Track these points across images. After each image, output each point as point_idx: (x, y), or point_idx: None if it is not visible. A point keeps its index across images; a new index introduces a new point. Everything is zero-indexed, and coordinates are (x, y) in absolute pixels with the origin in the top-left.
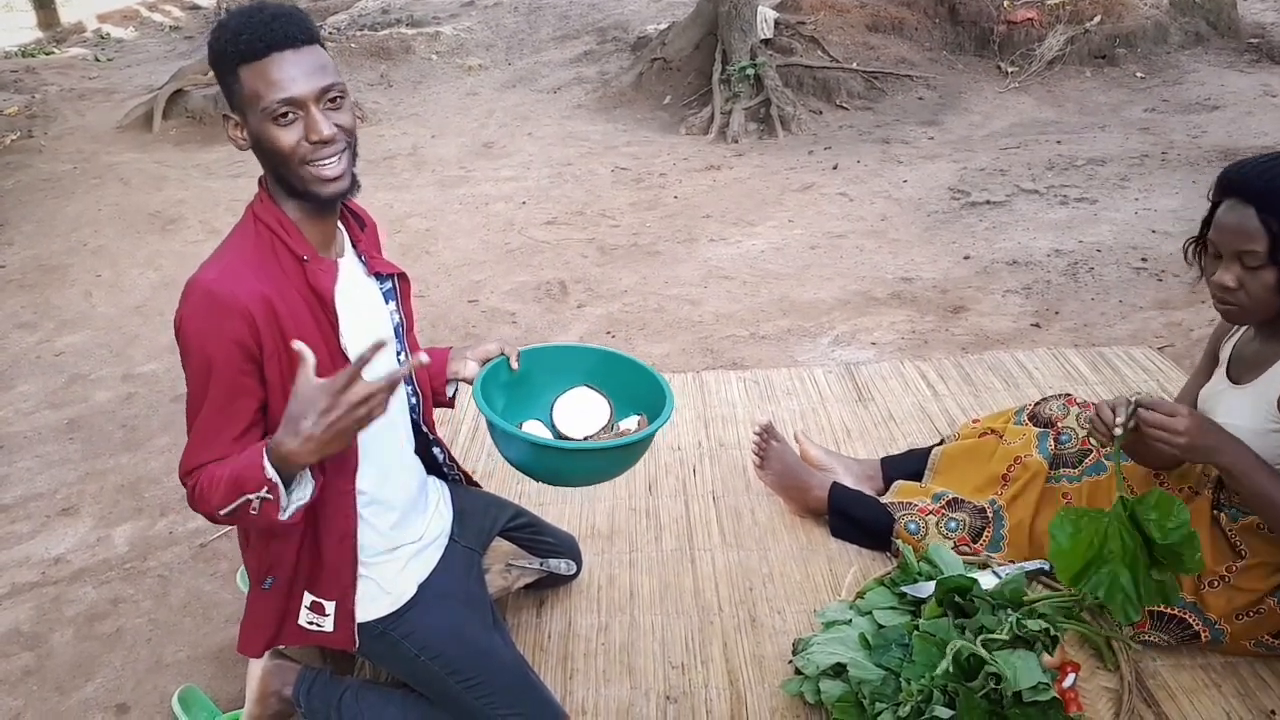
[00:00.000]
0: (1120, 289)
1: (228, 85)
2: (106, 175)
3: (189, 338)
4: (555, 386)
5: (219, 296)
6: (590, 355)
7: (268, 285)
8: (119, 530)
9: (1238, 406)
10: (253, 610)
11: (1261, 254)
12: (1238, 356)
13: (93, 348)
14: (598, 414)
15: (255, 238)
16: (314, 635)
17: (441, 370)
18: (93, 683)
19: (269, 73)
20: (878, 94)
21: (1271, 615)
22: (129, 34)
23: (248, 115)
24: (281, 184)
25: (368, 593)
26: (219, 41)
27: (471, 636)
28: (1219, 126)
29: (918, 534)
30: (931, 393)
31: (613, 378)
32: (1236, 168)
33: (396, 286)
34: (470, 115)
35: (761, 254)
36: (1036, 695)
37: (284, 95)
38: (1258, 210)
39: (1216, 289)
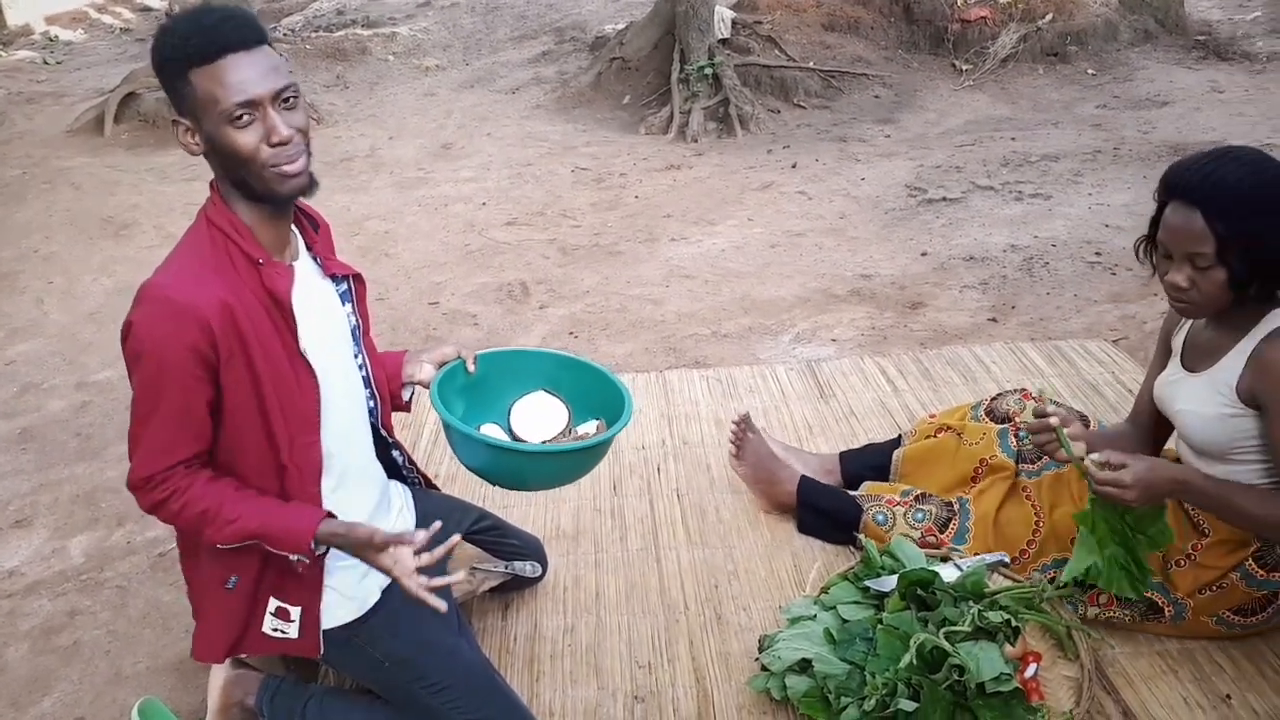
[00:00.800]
0: (1075, 283)
1: (176, 90)
2: (57, 180)
3: (143, 343)
4: (513, 391)
5: (176, 303)
6: (548, 360)
7: (225, 290)
8: (75, 541)
9: (1194, 393)
10: (211, 614)
11: (1210, 255)
12: (1191, 345)
13: (45, 356)
14: (555, 418)
15: (209, 242)
16: (279, 643)
17: (397, 374)
18: (50, 697)
19: (223, 76)
20: (835, 93)
21: (1234, 590)
22: (78, 36)
23: (201, 119)
24: (239, 187)
25: (331, 600)
26: (166, 46)
27: (436, 641)
28: (1168, 122)
29: (885, 525)
30: (891, 388)
31: (571, 382)
32: (1179, 169)
33: (352, 288)
34: (428, 116)
35: (722, 253)
36: (999, 686)
37: (241, 98)
38: (1202, 213)
39: (1170, 288)
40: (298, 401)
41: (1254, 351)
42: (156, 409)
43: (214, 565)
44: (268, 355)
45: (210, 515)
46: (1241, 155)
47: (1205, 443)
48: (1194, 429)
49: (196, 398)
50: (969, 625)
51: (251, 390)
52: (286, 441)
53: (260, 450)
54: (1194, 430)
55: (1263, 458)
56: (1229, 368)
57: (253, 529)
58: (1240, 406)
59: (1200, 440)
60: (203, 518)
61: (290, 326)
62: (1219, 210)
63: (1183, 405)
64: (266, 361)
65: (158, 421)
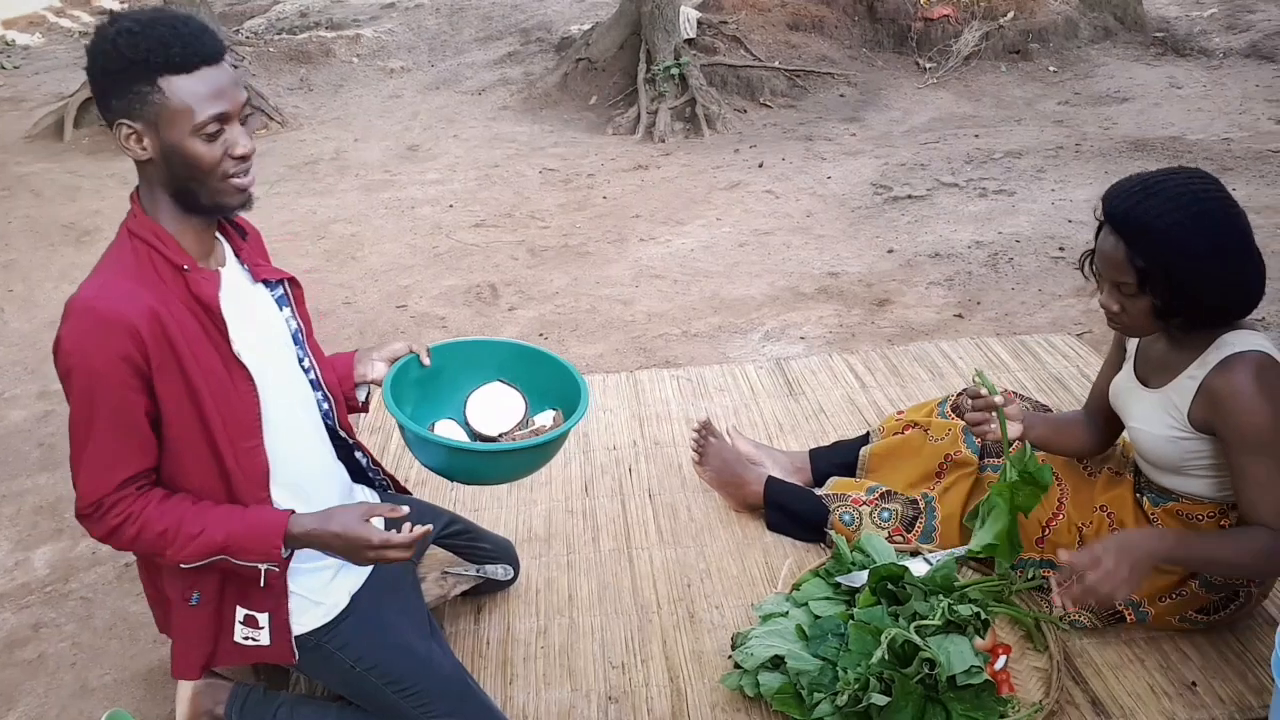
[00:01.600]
0: (1039, 278)
1: (135, 93)
2: (16, 186)
3: (71, 357)
4: (469, 382)
5: (102, 313)
6: (503, 349)
7: (152, 298)
8: (38, 552)
9: (1147, 412)
10: (181, 630)
11: (1132, 285)
12: (1144, 355)
13: (5, 365)
14: (512, 410)
15: (132, 253)
16: (251, 651)
17: (349, 374)
18: (14, 712)
19: (206, 86)
20: (800, 92)
21: (1194, 597)
22: (35, 40)
23: (160, 126)
24: (181, 196)
25: (299, 605)
26: (134, 48)
27: (408, 645)
28: (1129, 118)
29: (852, 525)
30: (860, 385)
31: (527, 372)
32: (1115, 192)
33: (289, 292)
34: (394, 118)
35: (691, 252)
36: (970, 679)
37: (218, 111)
38: (1125, 246)
39: (1103, 308)
40: (236, 407)
41: (1204, 383)
42: (93, 424)
43: (174, 583)
44: (200, 361)
45: (170, 535)
46: (1175, 186)
47: (1158, 459)
48: (1146, 445)
49: (134, 409)
50: (939, 619)
51: (187, 398)
52: (229, 447)
53: (202, 459)
54: (1146, 446)
55: (1214, 474)
56: (1181, 390)
57: (219, 541)
58: (1191, 431)
59: (1152, 456)
60: (162, 539)
61: (221, 331)
62: (1140, 245)
63: (1136, 422)
64: (200, 368)
65: (97, 438)
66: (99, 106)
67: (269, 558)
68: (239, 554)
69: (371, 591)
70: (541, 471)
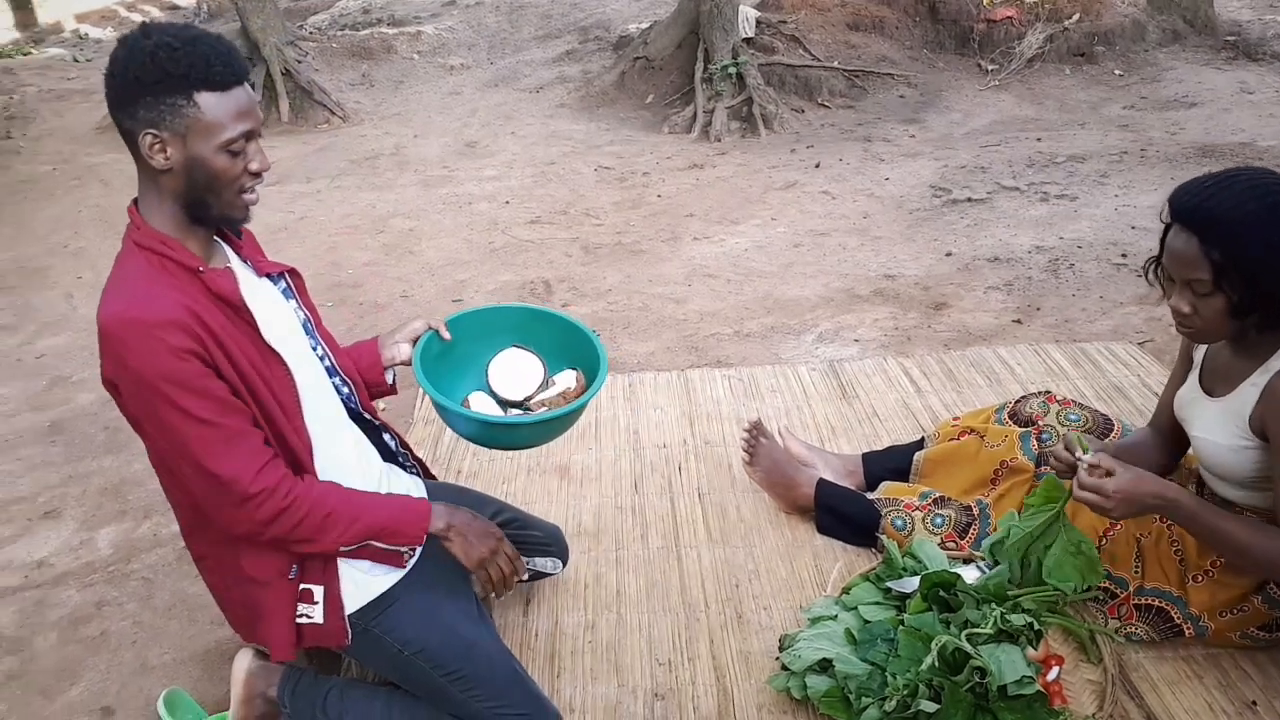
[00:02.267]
0: (1101, 284)
1: (171, 105)
2: (86, 176)
3: (145, 375)
4: (486, 349)
5: (147, 321)
6: (514, 314)
7: (179, 296)
8: (102, 533)
9: (1211, 422)
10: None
11: (1208, 282)
12: (1210, 364)
13: (74, 350)
14: (532, 373)
15: (145, 263)
16: (306, 630)
17: (376, 360)
18: (77, 686)
19: (236, 105)
20: (859, 92)
21: (1256, 613)
22: (107, 34)
23: (189, 139)
24: (192, 207)
25: (349, 584)
26: (177, 63)
27: (455, 628)
28: (1197, 123)
29: (904, 530)
30: (915, 389)
31: (541, 333)
32: (1182, 191)
33: (291, 284)
34: (453, 115)
35: (745, 252)
36: (1021, 689)
37: (246, 128)
38: (1199, 240)
39: (1173, 313)
40: (279, 391)
41: (1266, 387)
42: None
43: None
44: (242, 352)
45: (335, 517)
46: (1246, 180)
47: (1221, 470)
48: (1210, 456)
49: (223, 391)
50: (991, 628)
51: (242, 384)
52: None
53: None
54: (1210, 457)
55: None
56: (1244, 397)
57: (378, 525)
58: (1253, 439)
59: (1216, 467)
60: (329, 520)
61: (250, 322)
62: (1215, 238)
63: (1199, 432)
64: (242, 355)
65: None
66: (118, 113)
67: (415, 540)
68: (392, 537)
69: (420, 576)
70: (591, 467)
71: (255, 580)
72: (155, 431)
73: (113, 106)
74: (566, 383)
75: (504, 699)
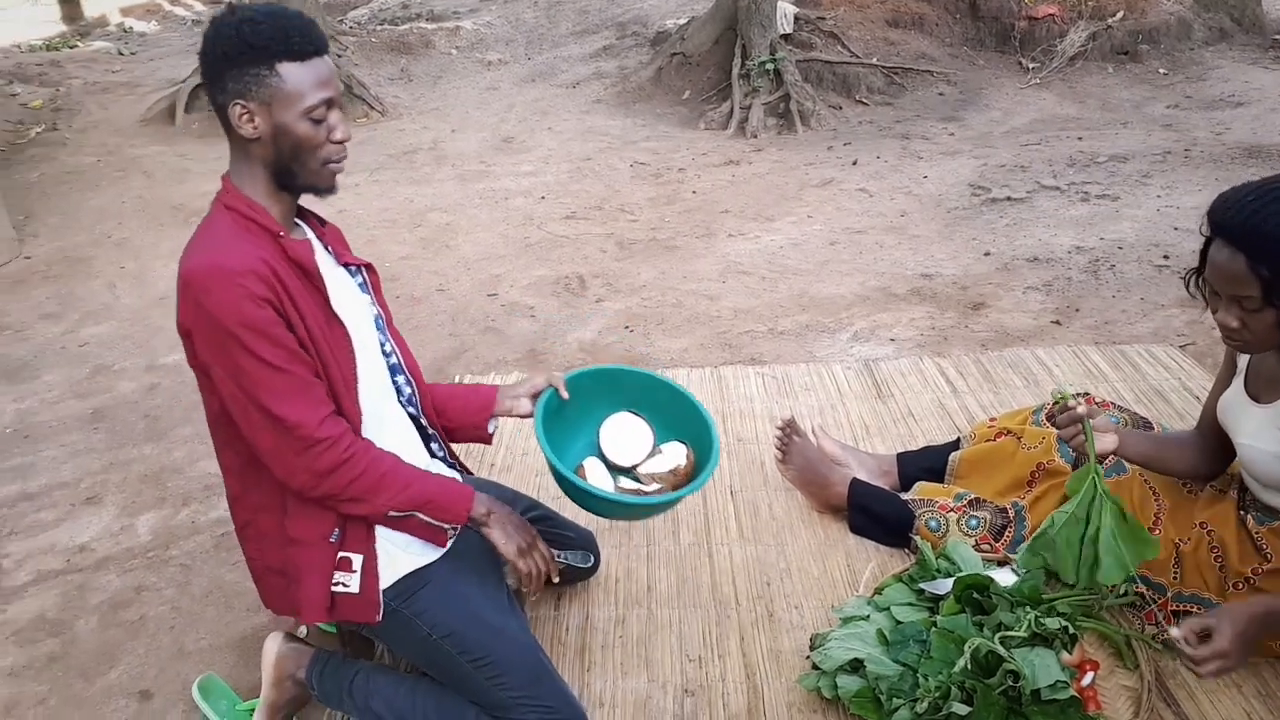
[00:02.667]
0: (1142, 286)
1: (256, 75)
2: (130, 168)
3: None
4: (597, 408)
5: (230, 267)
6: (631, 377)
7: (261, 254)
8: (142, 519)
9: (1257, 428)
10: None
11: (1257, 298)
12: (1255, 370)
13: (117, 339)
14: (642, 440)
15: (230, 222)
16: (341, 601)
17: (486, 406)
18: (116, 669)
19: (316, 74)
20: (898, 89)
21: None
22: (151, 28)
23: (274, 108)
24: (280, 175)
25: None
26: (259, 35)
27: (484, 616)
28: (1243, 123)
29: (938, 531)
30: (951, 389)
31: (655, 402)
32: (1224, 204)
33: (367, 279)
34: (490, 110)
35: (780, 249)
36: (1055, 693)
37: (325, 96)
38: (1247, 257)
39: (1221, 327)
40: (340, 360)
41: None
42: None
43: (309, 524)
44: (310, 313)
45: (390, 479)
46: None
47: (1267, 477)
48: (1256, 463)
49: (293, 343)
50: (1025, 631)
51: (310, 342)
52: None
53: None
54: (1256, 464)
55: None
56: None
57: (427, 496)
58: None
59: (1261, 474)
60: (384, 480)
61: (320, 288)
62: (1264, 254)
63: (1244, 439)
64: (310, 319)
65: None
66: (210, 89)
67: (458, 519)
68: (437, 511)
69: (453, 562)
70: None
71: (297, 541)
72: (225, 376)
73: (206, 83)
74: (676, 456)
75: (529, 690)
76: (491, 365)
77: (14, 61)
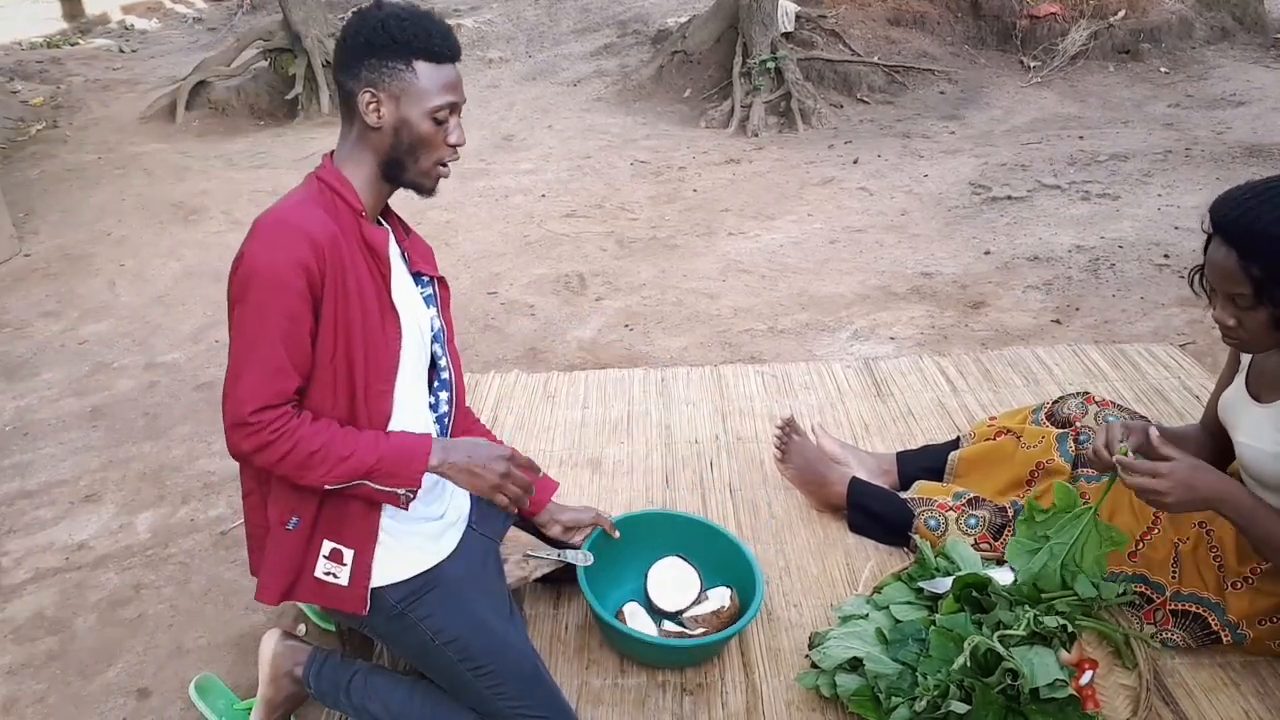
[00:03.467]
0: (1142, 285)
1: (388, 66)
2: (130, 166)
3: (256, 261)
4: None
5: (290, 224)
6: (681, 522)
7: (332, 223)
8: (141, 517)
9: (1255, 427)
10: (271, 556)
11: (1249, 296)
12: (1257, 369)
13: (116, 337)
14: (688, 586)
15: (317, 191)
16: (328, 589)
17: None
18: (115, 667)
19: (447, 78)
20: (899, 88)
21: None
22: (152, 25)
23: (402, 101)
24: (389, 167)
25: (385, 553)
26: (404, 31)
27: (487, 624)
28: (1244, 123)
29: (937, 530)
30: (950, 388)
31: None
32: (1223, 202)
33: (437, 292)
34: (490, 108)
35: (780, 248)
36: (1054, 692)
37: (452, 99)
38: (1239, 255)
39: (1218, 324)
40: (380, 348)
41: None
42: (265, 332)
43: (276, 506)
44: (362, 294)
45: (322, 454)
46: None
47: (1264, 476)
48: (1253, 462)
49: (303, 321)
50: (1024, 630)
51: (343, 327)
52: (364, 387)
53: (335, 392)
54: (1253, 463)
55: None
56: None
57: (369, 463)
58: None
59: (1259, 473)
60: (313, 458)
61: (384, 274)
62: (1256, 253)
63: (1243, 437)
64: (360, 299)
65: (266, 346)
66: (342, 74)
67: (411, 482)
68: (384, 478)
69: (458, 564)
70: (623, 461)
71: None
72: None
73: (338, 68)
74: (720, 600)
75: (527, 698)
76: (491, 363)
77: (15, 59)
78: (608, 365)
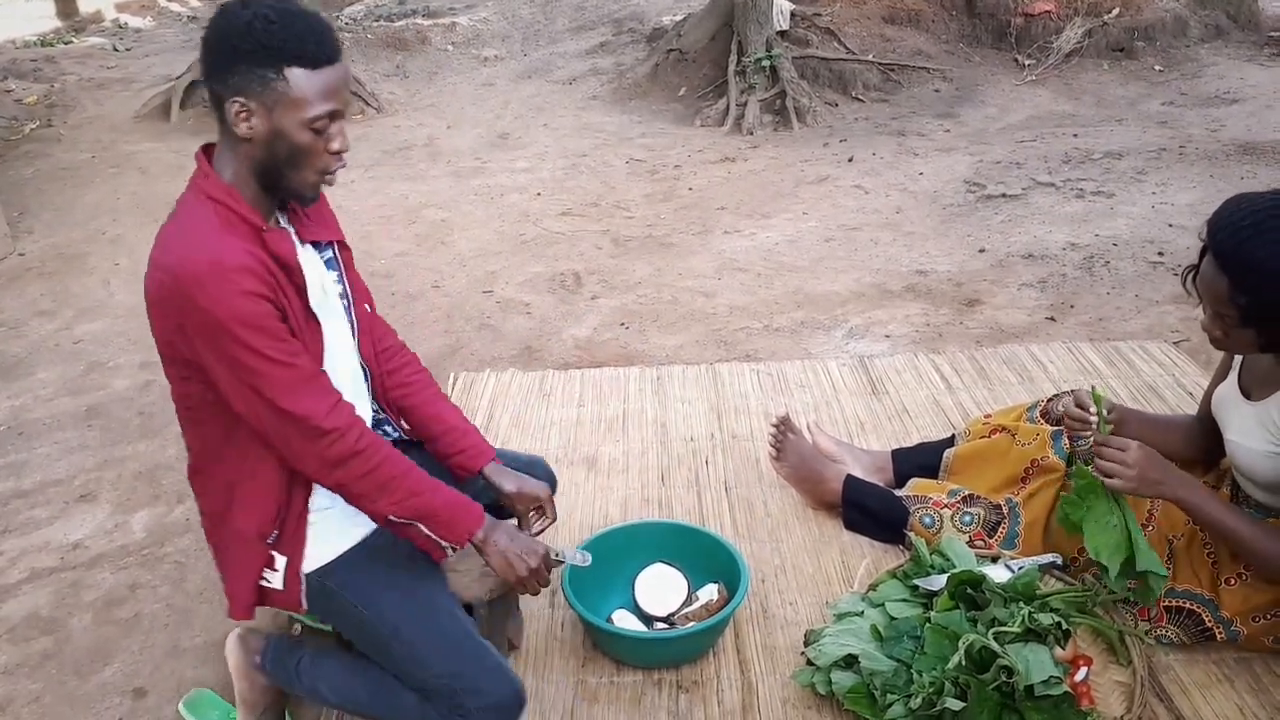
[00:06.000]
0: (1136, 283)
1: (259, 75)
2: (125, 164)
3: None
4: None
5: (222, 263)
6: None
7: (247, 245)
8: (136, 516)
9: (1244, 425)
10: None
11: (1235, 318)
12: (1249, 366)
13: (111, 336)
14: (677, 589)
15: (213, 214)
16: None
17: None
18: (110, 667)
19: (324, 84)
20: (894, 86)
21: None
22: (146, 24)
23: (274, 111)
24: (265, 175)
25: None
26: (273, 35)
27: (410, 587)
28: (1238, 120)
29: (932, 527)
30: (945, 386)
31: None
32: (1221, 221)
33: (337, 255)
34: (486, 106)
35: (776, 246)
36: (1048, 689)
37: (330, 108)
38: (1230, 283)
39: (1205, 329)
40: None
41: None
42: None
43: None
44: (291, 310)
45: (399, 481)
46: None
47: (1254, 474)
48: (1242, 459)
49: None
50: (1019, 627)
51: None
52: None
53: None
54: (1242, 460)
55: None
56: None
57: (433, 508)
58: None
59: (1249, 471)
60: (393, 482)
61: (300, 285)
62: (1246, 286)
63: (1233, 435)
64: (292, 317)
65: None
66: (210, 79)
67: (460, 540)
68: (439, 527)
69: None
70: (619, 459)
71: (237, 533)
72: (226, 373)
73: (205, 71)
74: (708, 594)
75: (453, 664)
76: (487, 362)
77: (8, 57)
78: (603, 363)
